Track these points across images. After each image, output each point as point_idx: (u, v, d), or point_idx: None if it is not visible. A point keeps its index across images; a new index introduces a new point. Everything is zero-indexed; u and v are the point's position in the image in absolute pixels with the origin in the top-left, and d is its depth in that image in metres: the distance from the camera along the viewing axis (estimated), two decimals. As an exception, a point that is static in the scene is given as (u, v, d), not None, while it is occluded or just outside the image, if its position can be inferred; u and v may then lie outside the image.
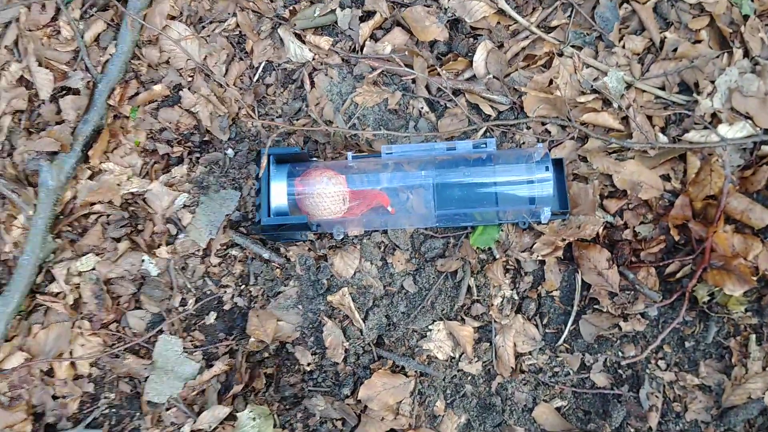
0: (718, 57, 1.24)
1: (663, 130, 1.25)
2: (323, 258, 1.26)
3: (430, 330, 1.22)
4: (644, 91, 1.27)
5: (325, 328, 1.22)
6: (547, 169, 1.14)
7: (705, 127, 1.21)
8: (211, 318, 1.28)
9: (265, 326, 1.23)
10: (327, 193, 1.16)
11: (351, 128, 1.30)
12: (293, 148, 1.19)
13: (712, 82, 1.23)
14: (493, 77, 1.30)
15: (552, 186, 1.14)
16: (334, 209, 1.17)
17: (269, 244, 1.28)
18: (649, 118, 1.26)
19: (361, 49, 1.34)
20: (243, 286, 1.28)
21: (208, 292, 1.29)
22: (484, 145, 1.15)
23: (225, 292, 1.28)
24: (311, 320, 1.24)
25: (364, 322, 1.22)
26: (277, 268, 1.27)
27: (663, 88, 1.27)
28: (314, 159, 1.22)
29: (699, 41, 1.27)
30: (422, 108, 1.31)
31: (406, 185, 1.20)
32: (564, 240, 1.21)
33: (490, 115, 1.29)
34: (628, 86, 1.28)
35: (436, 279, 1.24)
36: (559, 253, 1.22)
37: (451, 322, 1.21)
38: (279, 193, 1.14)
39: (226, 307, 1.28)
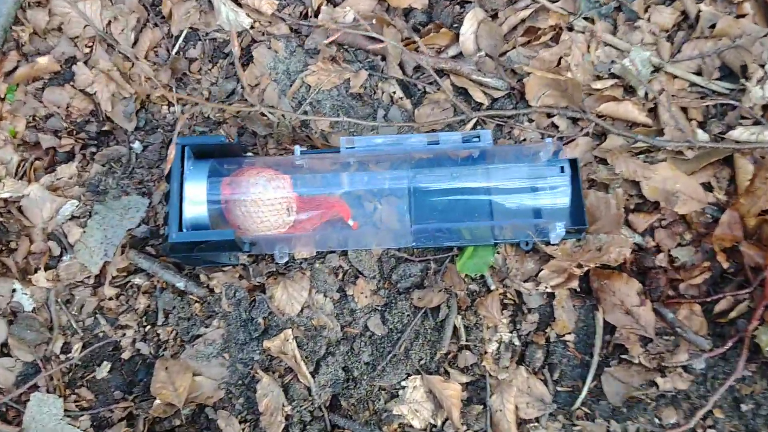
0: (767, 35, 0.98)
1: (702, 126, 0.98)
2: (259, 289, 0.93)
3: (404, 387, 0.90)
4: (675, 76, 1.00)
5: (259, 385, 0.89)
6: (561, 170, 0.85)
7: (756, 122, 0.95)
8: (103, 370, 0.94)
9: (176, 383, 0.90)
10: (266, 200, 0.84)
11: (301, 117, 0.99)
12: (217, 136, 0.86)
13: (762, 66, 0.96)
14: (486, 55, 1.01)
15: (568, 194, 0.85)
16: (275, 222, 0.85)
17: (186, 270, 0.94)
18: (684, 110, 0.99)
19: (316, 15, 1.03)
20: (148, 327, 0.95)
21: (101, 335, 0.95)
22: (477, 139, 0.86)
23: (124, 334, 0.95)
24: (241, 374, 0.91)
25: (314, 376, 0.89)
26: (197, 302, 0.94)
27: (699, 73, 1.01)
28: (249, 155, 0.89)
29: (742, 15, 1.01)
30: (394, 92, 1.01)
31: (372, 191, 0.89)
32: (580, 266, 0.92)
33: (481, 104, 1.00)
34: (656, 70, 1.01)
35: (412, 317, 0.92)
36: (574, 284, 0.92)
37: (431, 377, 0.89)
38: (195, 199, 0.81)
39: (125, 355, 0.94)
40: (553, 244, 0.92)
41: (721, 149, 0.95)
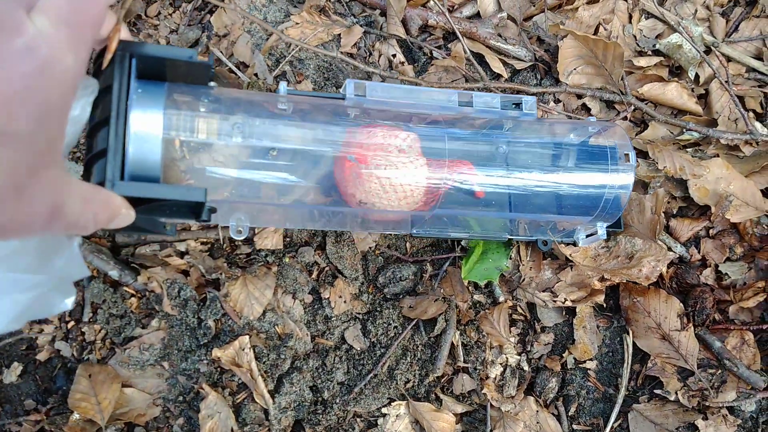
0: (842, 16, 0.83)
1: (760, 118, 0.82)
2: (212, 285, 0.75)
3: (385, 415, 0.73)
4: (731, 59, 0.84)
5: (203, 403, 0.71)
6: (626, 158, 0.67)
7: (831, 117, 0.79)
8: (12, 373, 0.77)
9: (100, 394, 0.72)
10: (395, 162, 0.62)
11: (279, 78, 0.81)
12: (184, 50, 0.57)
13: (839, 50, 0.81)
14: (508, 18, 0.85)
15: (630, 186, 0.68)
16: (418, 196, 0.64)
17: (123, 254, 0.76)
18: (740, 99, 0.82)
19: (304, -44, 0.86)
20: (72, 324, 0.77)
21: (12, 331, 0.75)
22: (516, 107, 0.66)
23: (41, 331, 0.77)
24: (182, 389, 0.73)
25: (274, 396, 0.72)
26: (133, 296, 0.76)
27: (759, 57, 0.85)
28: (212, 84, 0.63)
29: (813, -8, 0.85)
30: (394, 55, 0.84)
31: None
32: (603, 279, 0.75)
33: (499, 75, 0.83)
34: (708, 50, 0.84)
35: (400, 330, 0.75)
36: (599, 299, 0.76)
37: (419, 404, 0.73)
38: (148, 132, 0.52)
39: (41, 356, 0.77)
40: (582, 246, 0.76)
41: (785, 148, 0.79)
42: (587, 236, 0.72)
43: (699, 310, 0.76)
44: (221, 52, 0.84)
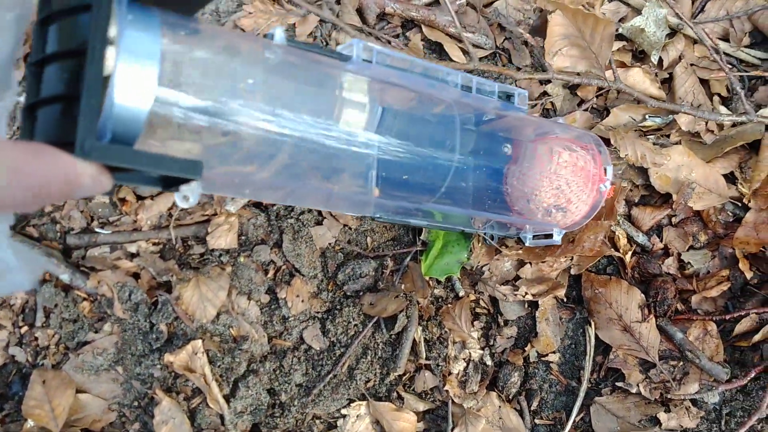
0: (809, -5, 0.81)
1: (725, 103, 0.81)
2: (164, 287, 0.74)
3: (345, 416, 0.73)
4: (696, 41, 0.83)
5: (158, 409, 0.70)
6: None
7: (795, 101, 0.78)
8: (-35, 381, 0.74)
9: (54, 401, 0.71)
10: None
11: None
12: None
13: (805, 31, 0.79)
14: (467, 4, 0.83)
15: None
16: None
17: (73, 257, 0.75)
18: (704, 83, 0.81)
19: (255, -58, 0.83)
20: (25, 328, 0.75)
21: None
22: (509, 98, 0.64)
23: (-7, 336, 0.75)
24: (137, 394, 0.72)
25: (229, 401, 0.71)
26: (85, 300, 0.75)
27: (726, 39, 0.83)
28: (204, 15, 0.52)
29: (780, -30, 0.83)
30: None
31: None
32: (567, 269, 0.75)
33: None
34: (673, 33, 0.83)
35: (360, 328, 0.74)
36: (560, 292, 0.75)
37: (380, 404, 0.72)
38: (139, 74, 0.36)
39: (-6, 363, 0.75)
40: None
41: (749, 132, 0.78)
42: (533, 237, 0.72)
43: (661, 300, 0.75)
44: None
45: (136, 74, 0.35)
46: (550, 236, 0.71)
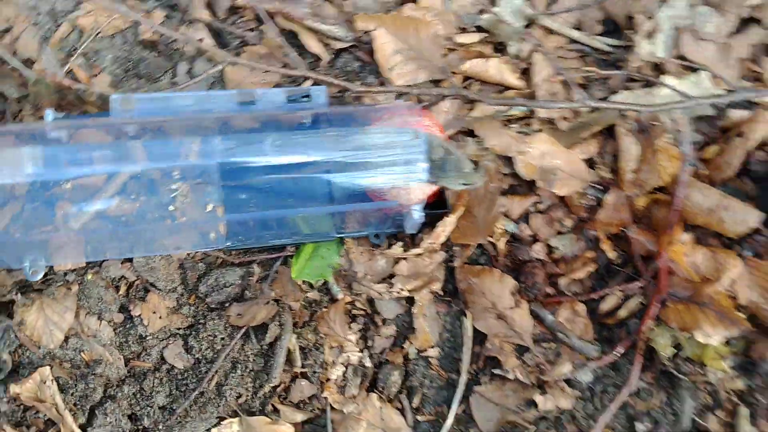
0: (654, -18, 0.86)
1: (583, 89, 0.83)
2: (4, 312, 0.67)
3: (216, 436, 0.68)
4: (552, 31, 0.85)
5: (2, 450, 0.63)
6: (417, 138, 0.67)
7: (645, 84, 0.81)
8: None
9: None
10: None
11: (70, 75, 0.73)
12: None
13: (650, 17, 0.83)
14: (324, -3, 0.81)
15: (426, 170, 0.67)
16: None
17: None
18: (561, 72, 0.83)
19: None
20: None
21: None
22: (306, 98, 0.64)
23: None
24: (-24, 436, 0.65)
25: (86, 430, 0.65)
26: None
27: (579, 28, 0.86)
28: None
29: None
30: (203, 41, 0.77)
31: (167, 169, 0.66)
32: (443, 261, 0.75)
33: (319, 59, 0.79)
34: (530, 23, 0.85)
35: (228, 341, 0.70)
36: (436, 286, 0.75)
37: (254, 419, 0.69)
38: None
39: None
40: (410, 233, 0.74)
41: (603, 118, 0.81)
42: (413, 222, 0.71)
43: (531, 285, 0.76)
44: (3, 48, 0.74)
45: None
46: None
